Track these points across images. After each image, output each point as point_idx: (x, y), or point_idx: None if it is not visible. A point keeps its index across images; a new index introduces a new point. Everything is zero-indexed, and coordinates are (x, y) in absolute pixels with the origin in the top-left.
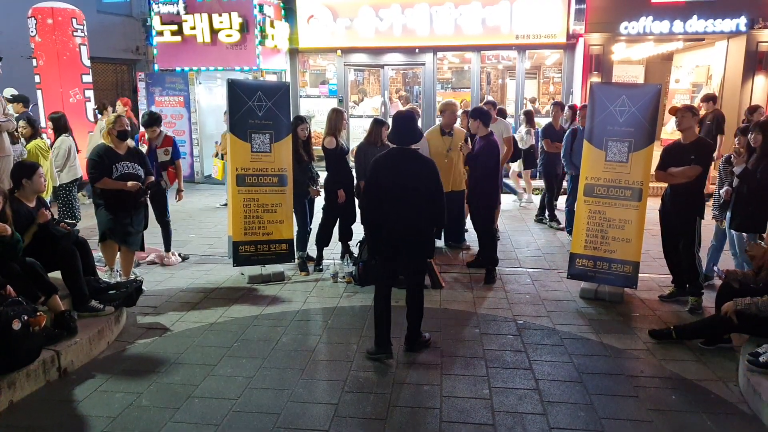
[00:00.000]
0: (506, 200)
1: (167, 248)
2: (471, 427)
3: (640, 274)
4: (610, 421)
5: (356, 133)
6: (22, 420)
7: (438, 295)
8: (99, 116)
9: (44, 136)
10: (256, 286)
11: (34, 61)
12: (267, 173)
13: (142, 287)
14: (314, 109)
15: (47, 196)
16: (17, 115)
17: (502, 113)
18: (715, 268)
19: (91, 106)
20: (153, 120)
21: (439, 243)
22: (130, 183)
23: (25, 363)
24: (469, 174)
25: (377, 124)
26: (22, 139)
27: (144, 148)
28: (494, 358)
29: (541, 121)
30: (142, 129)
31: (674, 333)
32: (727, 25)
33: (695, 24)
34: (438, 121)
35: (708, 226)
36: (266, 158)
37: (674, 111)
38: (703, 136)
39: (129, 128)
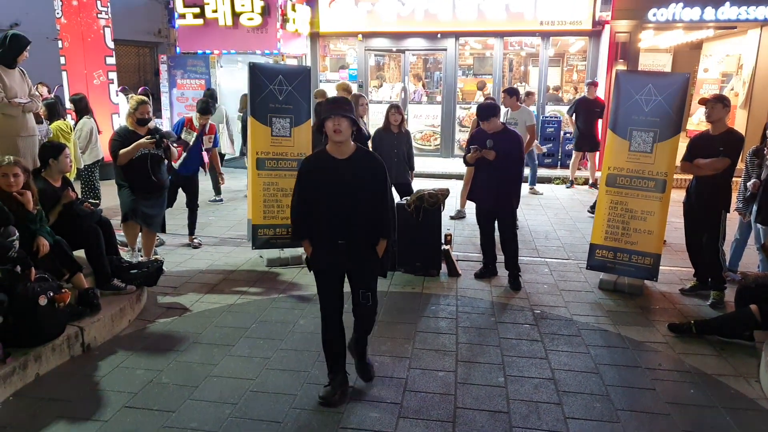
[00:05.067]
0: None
1: (191, 232)
2: (485, 414)
3: (661, 267)
4: (627, 413)
5: (375, 118)
6: (48, 392)
7: (454, 283)
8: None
9: (69, 117)
10: (274, 269)
11: (60, 42)
12: (286, 157)
13: (163, 268)
14: (334, 94)
15: (72, 177)
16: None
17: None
18: (731, 274)
19: (114, 87)
20: (207, 108)
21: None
22: (143, 140)
23: (50, 338)
24: (488, 174)
25: (388, 108)
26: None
27: (192, 135)
28: (510, 347)
29: (563, 109)
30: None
31: (694, 327)
32: (761, 12)
33: (727, 11)
34: (460, 108)
35: (733, 219)
36: (286, 142)
37: (704, 102)
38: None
39: (149, 116)
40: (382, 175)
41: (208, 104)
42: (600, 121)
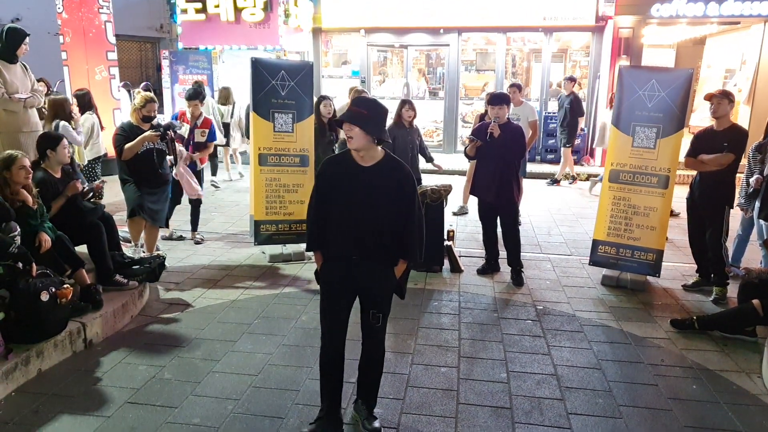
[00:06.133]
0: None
1: (194, 228)
2: (488, 409)
3: (663, 263)
4: (629, 409)
5: None
6: (50, 388)
7: (457, 279)
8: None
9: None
10: (276, 265)
11: (61, 37)
12: (289, 153)
13: (165, 263)
14: (336, 89)
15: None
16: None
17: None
18: (735, 269)
19: (116, 83)
20: (196, 93)
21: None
22: (148, 133)
23: (52, 333)
24: (488, 165)
25: (401, 103)
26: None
27: (186, 127)
28: (513, 343)
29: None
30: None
31: (696, 323)
32: (765, 7)
33: (731, 6)
34: (463, 103)
35: (736, 215)
36: (288, 138)
37: (710, 97)
38: (568, 117)
39: (155, 114)
40: (411, 187)
41: (196, 90)
42: (581, 119)
